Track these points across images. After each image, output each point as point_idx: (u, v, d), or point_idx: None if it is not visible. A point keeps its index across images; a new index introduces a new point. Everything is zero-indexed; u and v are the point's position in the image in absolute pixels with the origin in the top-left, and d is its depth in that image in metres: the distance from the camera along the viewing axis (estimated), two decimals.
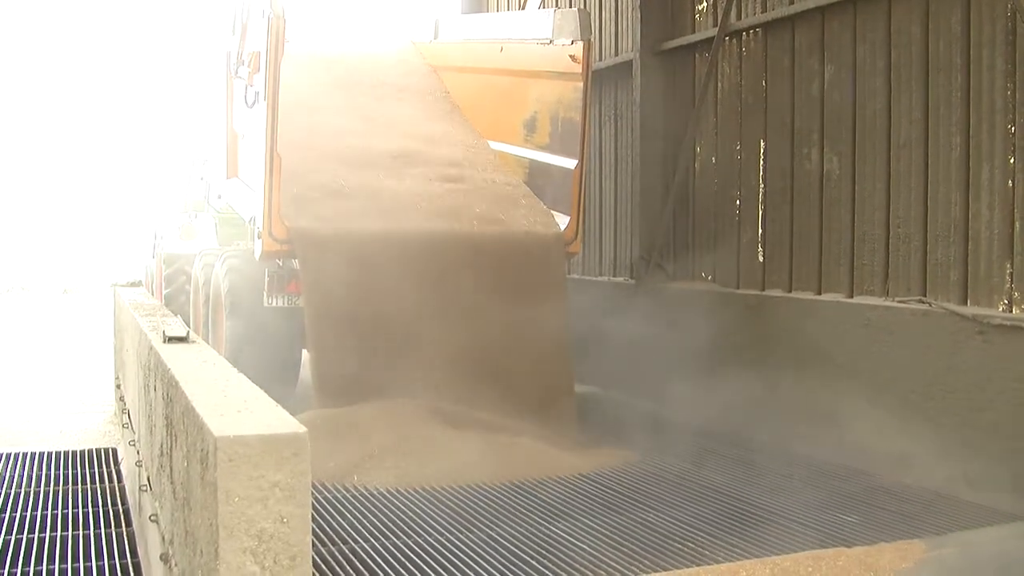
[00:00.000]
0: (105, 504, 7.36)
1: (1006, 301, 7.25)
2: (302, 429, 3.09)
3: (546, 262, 9.30)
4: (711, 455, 8.26)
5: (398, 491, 6.99)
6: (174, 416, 4.20)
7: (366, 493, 6.95)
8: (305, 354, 9.92)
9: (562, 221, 9.51)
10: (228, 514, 2.97)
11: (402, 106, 11.24)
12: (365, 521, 6.34)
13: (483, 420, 8.25)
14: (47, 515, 6.99)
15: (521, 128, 10.39)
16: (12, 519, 6.89)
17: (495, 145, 10.68)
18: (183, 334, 5.44)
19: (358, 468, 7.38)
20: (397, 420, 8.02)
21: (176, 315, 7.57)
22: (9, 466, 8.54)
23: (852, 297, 8.56)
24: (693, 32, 10.75)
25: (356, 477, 7.23)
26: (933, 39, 7.86)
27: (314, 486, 6.36)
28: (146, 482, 6.16)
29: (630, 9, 11.58)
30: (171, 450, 4.40)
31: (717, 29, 10.14)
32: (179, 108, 14.33)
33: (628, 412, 10.03)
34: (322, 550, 5.76)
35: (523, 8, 13.03)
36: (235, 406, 3.50)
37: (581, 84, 9.38)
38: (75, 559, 6.19)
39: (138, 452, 6.96)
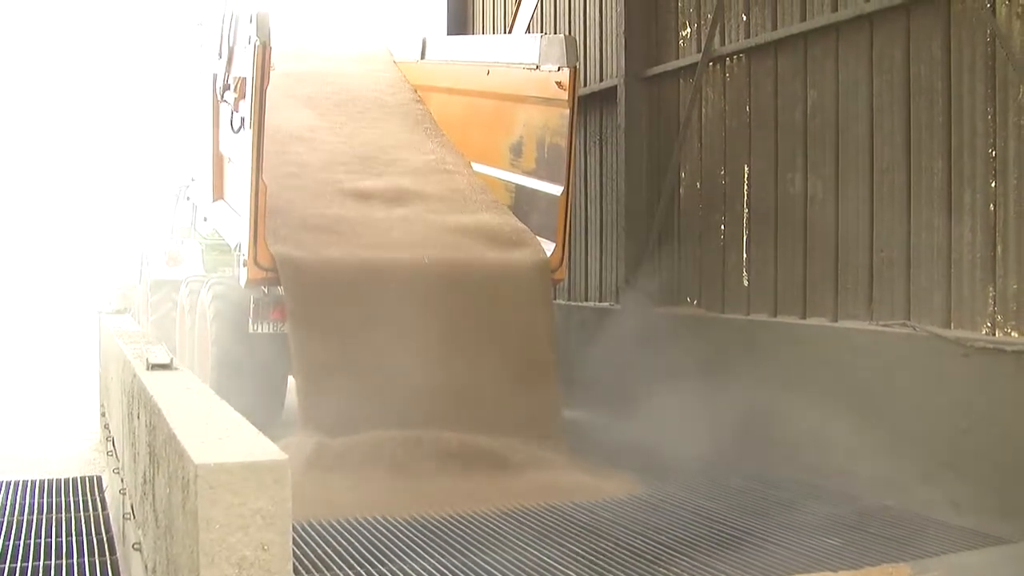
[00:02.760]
0: (89, 532, 7.31)
1: (989, 324, 7.28)
2: (283, 456, 3.08)
3: (532, 289, 9.29)
4: (697, 479, 8.25)
5: (383, 519, 6.95)
6: (157, 443, 4.18)
7: (351, 521, 6.92)
8: (291, 381, 9.90)
9: (547, 247, 9.51)
10: (209, 542, 2.95)
11: (386, 129, 11.24)
12: (350, 548, 6.32)
13: (471, 448, 8.23)
14: (31, 544, 6.94)
15: (507, 152, 10.42)
16: None
17: (482, 168, 10.69)
18: (166, 361, 5.42)
19: (344, 496, 7.34)
20: (384, 448, 8.00)
21: (161, 342, 7.55)
22: None
23: (837, 321, 8.58)
24: (677, 58, 10.81)
25: (342, 506, 7.18)
26: (915, 64, 7.92)
27: (298, 514, 6.34)
28: (130, 510, 6.13)
29: (614, 35, 11.64)
30: (154, 477, 4.38)
31: (701, 55, 10.19)
32: (166, 130, 14.29)
33: (614, 437, 10.02)
34: None
35: (510, 31, 13.08)
36: (217, 433, 3.49)
37: (567, 111, 9.40)
38: None
39: (122, 480, 6.92)
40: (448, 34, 15.36)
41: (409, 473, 7.78)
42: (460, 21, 15.59)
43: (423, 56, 12.34)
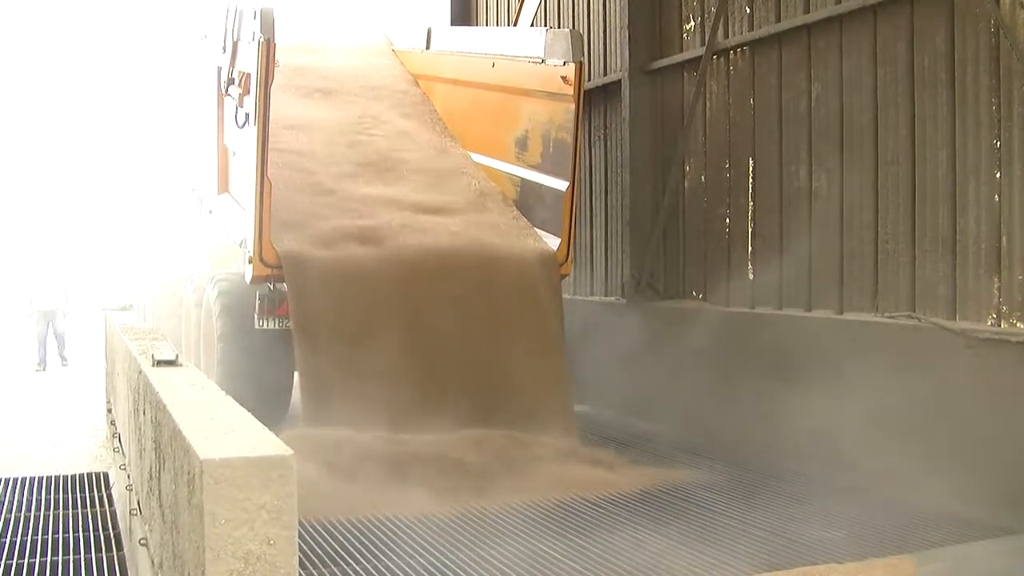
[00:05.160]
0: (96, 529, 7.33)
1: (994, 315, 7.28)
2: (288, 451, 3.10)
3: (541, 284, 9.26)
4: (701, 472, 8.25)
5: (390, 515, 6.94)
6: (162, 439, 4.20)
7: (356, 516, 6.91)
8: (297, 377, 9.90)
9: (553, 242, 9.51)
10: (214, 536, 2.97)
11: (389, 123, 11.23)
12: (356, 543, 6.33)
13: (479, 443, 8.22)
14: (38, 540, 6.97)
15: (513, 145, 10.40)
16: (3, 544, 6.87)
17: (487, 161, 10.67)
18: (172, 357, 5.44)
19: (349, 492, 7.34)
20: (390, 444, 7.99)
21: (166, 338, 7.56)
22: (0, 491, 8.51)
23: (842, 313, 8.58)
24: (681, 51, 10.80)
25: (346, 502, 7.17)
26: (918, 55, 7.91)
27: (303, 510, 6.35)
28: (136, 506, 6.15)
29: (618, 29, 11.63)
30: (160, 473, 4.40)
31: (705, 48, 10.19)
32: (171, 123, 14.25)
33: (620, 431, 10.04)
34: (313, 572, 5.76)
35: (515, 24, 13.06)
36: (222, 429, 3.50)
37: (572, 106, 9.37)
38: None
39: (128, 476, 6.95)
40: (451, 25, 15.34)
41: (415, 468, 7.78)
42: (463, 12, 15.59)
43: (428, 46, 12.31)
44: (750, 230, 9.74)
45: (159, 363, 5.36)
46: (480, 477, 7.72)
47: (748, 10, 9.73)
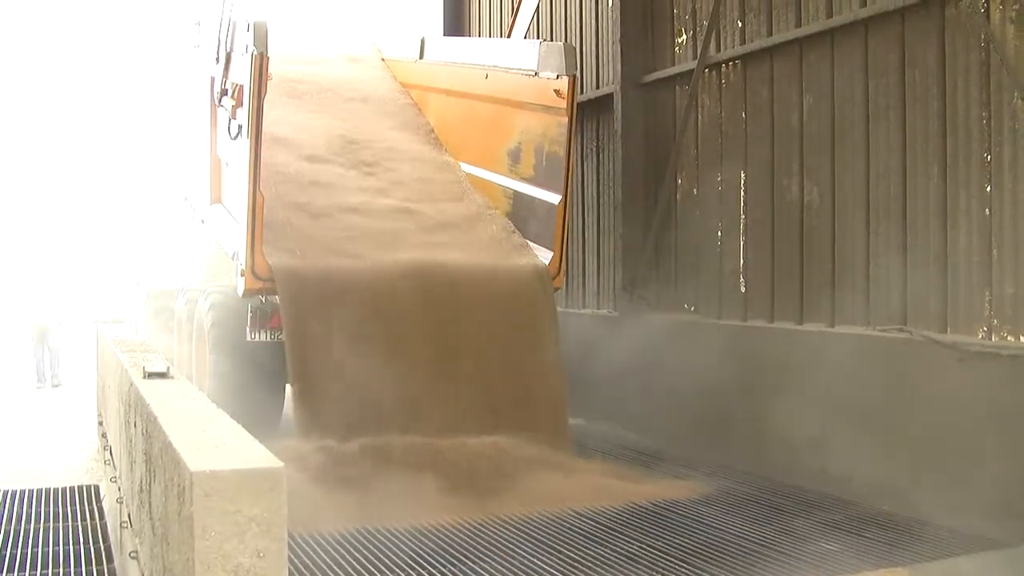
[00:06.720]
0: (87, 542, 7.31)
1: (985, 328, 7.29)
2: (278, 464, 3.09)
3: (534, 295, 9.26)
4: (695, 485, 8.24)
5: (381, 528, 6.92)
6: (153, 452, 4.19)
7: (348, 530, 6.89)
8: (289, 389, 9.87)
9: (545, 255, 9.50)
10: (204, 549, 2.96)
11: (382, 135, 11.21)
12: (348, 557, 6.31)
13: (470, 455, 8.21)
14: (28, 553, 6.94)
15: (506, 157, 10.39)
16: None
17: (480, 172, 10.65)
18: (163, 370, 5.43)
19: (340, 506, 7.32)
20: (382, 456, 7.97)
21: (157, 351, 7.55)
22: None
23: (833, 326, 8.59)
24: (673, 64, 10.83)
25: (338, 515, 7.15)
26: (909, 69, 7.94)
27: (294, 523, 6.32)
28: (127, 519, 6.13)
29: (611, 42, 11.66)
30: (150, 486, 4.39)
31: (697, 61, 10.21)
32: (163, 132, 14.18)
33: (611, 443, 10.02)
34: None
35: (509, 35, 13.07)
36: (213, 441, 3.50)
37: (566, 119, 9.37)
38: None
39: (119, 489, 6.93)
40: (444, 35, 15.35)
41: (408, 481, 7.76)
42: (456, 22, 15.60)
43: (421, 56, 12.31)
44: (742, 243, 9.75)
45: (150, 375, 5.35)
46: (473, 489, 7.70)
47: (740, 24, 9.76)
